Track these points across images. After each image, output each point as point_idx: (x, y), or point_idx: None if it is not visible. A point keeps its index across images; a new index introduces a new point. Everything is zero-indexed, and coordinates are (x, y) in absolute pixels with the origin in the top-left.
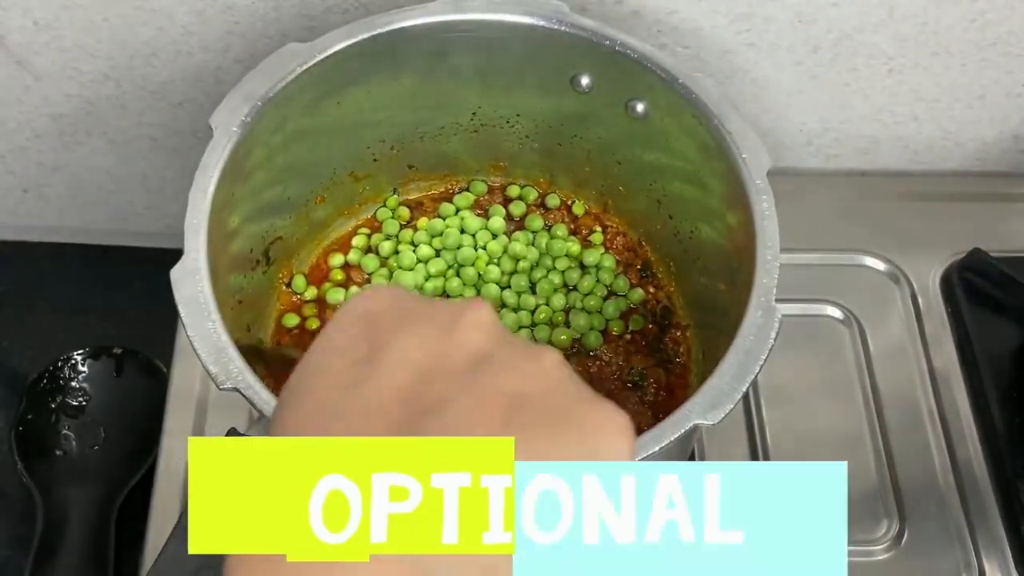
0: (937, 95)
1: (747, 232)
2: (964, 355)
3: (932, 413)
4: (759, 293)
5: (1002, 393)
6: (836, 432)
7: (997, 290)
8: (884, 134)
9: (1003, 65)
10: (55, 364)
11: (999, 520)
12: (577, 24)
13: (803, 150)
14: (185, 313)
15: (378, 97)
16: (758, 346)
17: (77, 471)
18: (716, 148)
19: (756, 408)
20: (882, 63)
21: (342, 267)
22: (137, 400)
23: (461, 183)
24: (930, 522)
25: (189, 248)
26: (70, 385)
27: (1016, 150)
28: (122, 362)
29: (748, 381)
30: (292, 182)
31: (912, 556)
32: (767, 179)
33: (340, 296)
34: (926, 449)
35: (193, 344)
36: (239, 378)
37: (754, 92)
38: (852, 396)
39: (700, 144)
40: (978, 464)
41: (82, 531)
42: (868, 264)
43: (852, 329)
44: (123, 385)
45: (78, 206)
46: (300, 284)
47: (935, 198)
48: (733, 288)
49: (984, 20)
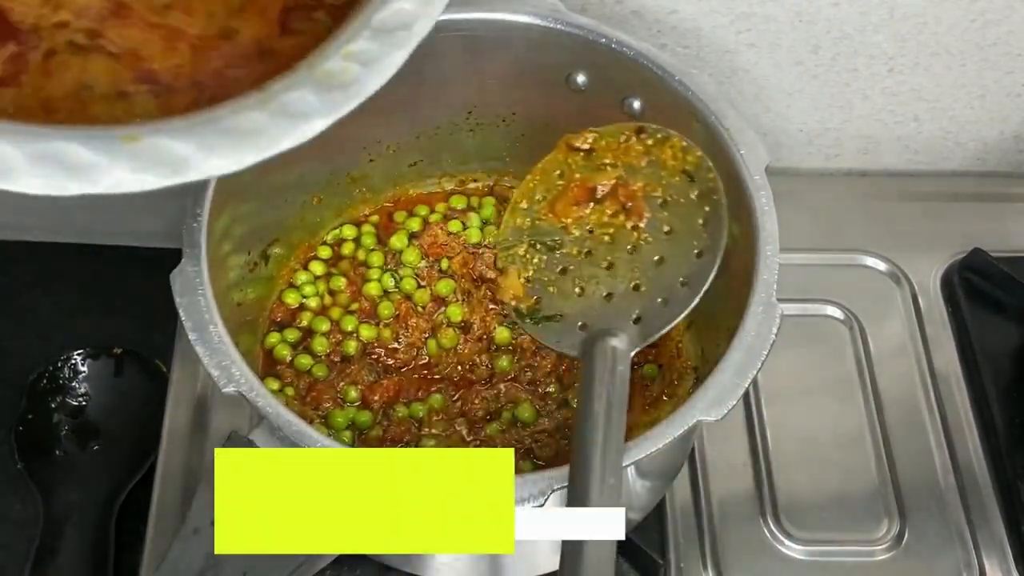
0: (937, 95)
1: (747, 229)
2: (964, 355)
3: (932, 413)
4: (760, 289)
5: (1002, 393)
6: (836, 432)
7: (997, 290)
8: (884, 134)
9: (1003, 65)
10: (55, 364)
11: (1000, 520)
12: (573, 22)
13: (803, 150)
14: (185, 316)
15: (372, 97)
16: (760, 342)
17: (77, 471)
18: (713, 145)
19: (756, 408)
20: (882, 63)
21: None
22: (137, 401)
23: (458, 181)
24: (930, 522)
25: (188, 250)
26: (70, 385)
27: (1016, 150)
28: (122, 362)
29: (750, 377)
30: (290, 183)
31: (912, 556)
32: (765, 175)
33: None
34: (926, 449)
35: (195, 347)
36: (241, 380)
37: (754, 92)
38: (852, 396)
39: (697, 141)
40: (979, 464)
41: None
42: (868, 264)
43: (852, 329)
44: (123, 385)
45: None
46: (302, 278)
47: (935, 198)
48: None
49: (984, 20)
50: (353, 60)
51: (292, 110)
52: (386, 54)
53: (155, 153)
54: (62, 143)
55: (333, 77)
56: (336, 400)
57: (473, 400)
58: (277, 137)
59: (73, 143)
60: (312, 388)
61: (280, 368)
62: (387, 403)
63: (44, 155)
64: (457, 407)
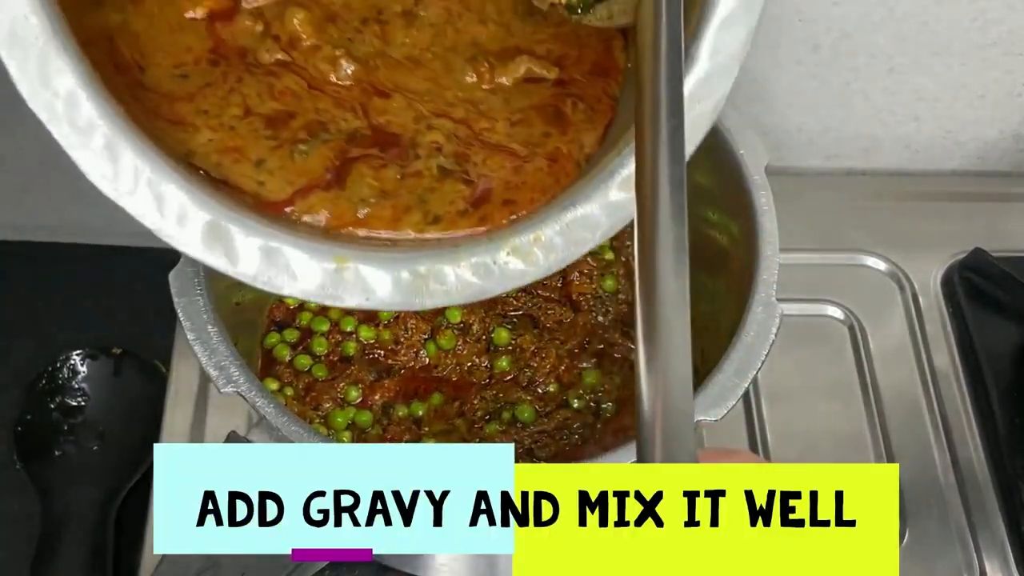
0: (938, 94)
1: (747, 228)
2: (965, 355)
3: (933, 413)
4: (760, 289)
5: (1003, 393)
6: (836, 432)
7: (998, 290)
8: (884, 134)
9: (1004, 64)
10: (54, 364)
11: (1000, 520)
12: None
13: (803, 150)
14: (184, 316)
15: None
16: (759, 342)
17: (77, 471)
18: (713, 145)
19: (756, 408)
20: (883, 62)
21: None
22: (136, 401)
23: None
24: (931, 522)
25: None
26: (69, 385)
27: (1017, 150)
28: (121, 363)
29: (750, 377)
30: None
31: (913, 556)
32: (765, 175)
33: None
34: (927, 449)
35: (193, 348)
36: (240, 381)
37: (754, 91)
38: (852, 396)
39: None
40: (979, 464)
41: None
42: (868, 264)
43: (852, 329)
44: (122, 386)
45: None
46: None
47: (936, 198)
48: (732, 286)
49: (985, 19)
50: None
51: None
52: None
53: (351, 279)
54: (288, 248)
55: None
56: (336, 400)
57: (472, 400)
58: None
59: (297, 250)
60: (311, 388)
61: (279, 368)
62: (387, 403)
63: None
64: (456, 407)
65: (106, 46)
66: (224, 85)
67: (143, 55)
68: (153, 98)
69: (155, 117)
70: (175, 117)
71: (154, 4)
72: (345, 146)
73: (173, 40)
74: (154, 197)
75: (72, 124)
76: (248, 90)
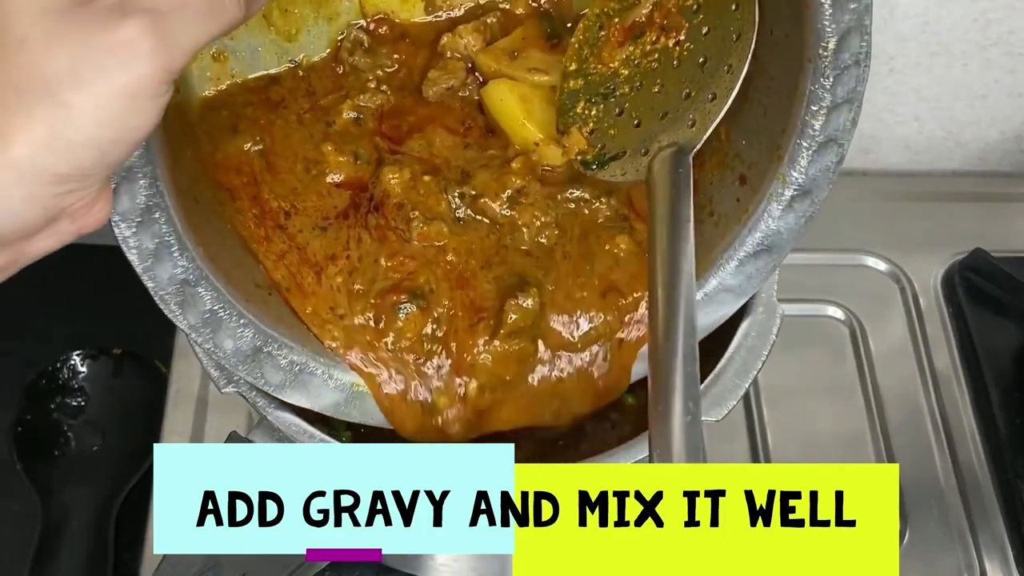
0: (938, 95)
1: None
2: (965, 355)
3: (933, 413)
4: (761, 289)
5: (1003, 393)
6: (836, 432)
7: (998, 290)
8: (885, 134)
9: (1005, 65)
10: (54, 364)
11: (1000, 520)
12: None
13: None
14: None
15: None
16: (760, 343)
17: (77, 471)
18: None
19: (756, 408)
20: (883, 62)
21: None
22: (136, 401)
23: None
24: (931, 523)
25: None
26: (69, 385)
27: (1018, 150)
28: (121, 363)
29: (751, 377)
30: None
31: (913, 557)
32: None
33: None
34: (927, 449)
35: (194, 348)
36: (240, 381)
37: None
38: (852, 396)
39: None
40: (979, 464)
41: (82, 531)
42: (869, 264)
43: (852, 329)
44: (122, 386)
45: None
46: None
47: (936, 198)
48: None
49: (986, 20)
50: None
51: None
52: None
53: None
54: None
55: None
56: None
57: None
58: None
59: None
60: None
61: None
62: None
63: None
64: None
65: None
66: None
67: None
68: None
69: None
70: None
71: None
72: None
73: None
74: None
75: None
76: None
